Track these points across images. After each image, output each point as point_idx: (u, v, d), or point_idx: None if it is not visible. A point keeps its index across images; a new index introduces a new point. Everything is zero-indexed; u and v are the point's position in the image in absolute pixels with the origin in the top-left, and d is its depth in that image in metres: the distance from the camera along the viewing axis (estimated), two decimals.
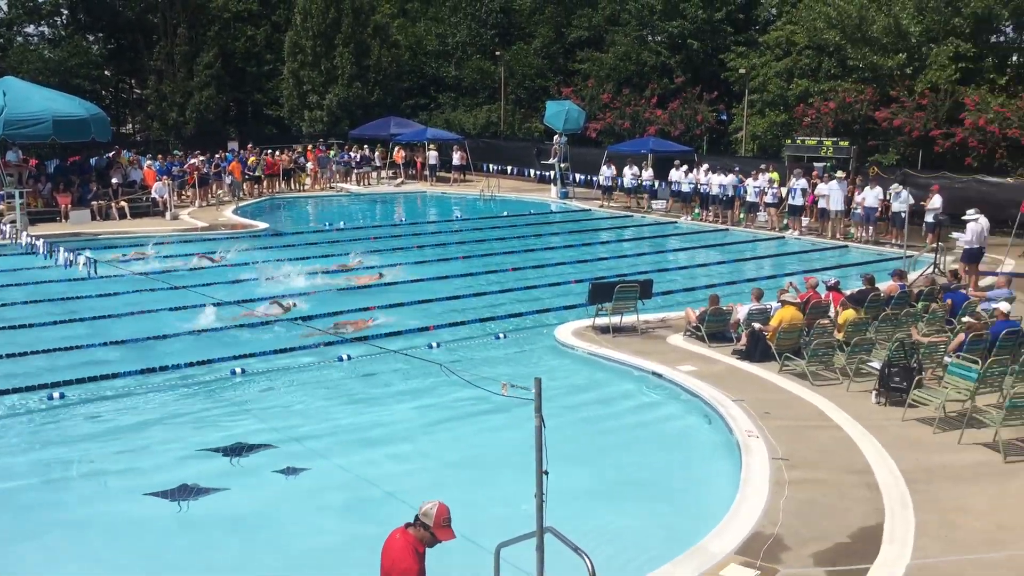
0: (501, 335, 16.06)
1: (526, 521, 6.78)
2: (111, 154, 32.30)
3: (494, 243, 25.80)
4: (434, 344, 15.33)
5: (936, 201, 23.80)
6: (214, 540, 9.02)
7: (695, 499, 10.01)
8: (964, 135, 29.37)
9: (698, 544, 8.30)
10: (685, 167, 31.20)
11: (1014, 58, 32.22)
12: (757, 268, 23.30)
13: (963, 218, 20.03)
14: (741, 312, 15.22)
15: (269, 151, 37.13)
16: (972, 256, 19.53)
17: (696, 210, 30.30)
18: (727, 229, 28.61)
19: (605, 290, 15.85)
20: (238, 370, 13.78)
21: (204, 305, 16.46)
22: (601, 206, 33.39)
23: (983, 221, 19.62)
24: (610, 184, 33.33)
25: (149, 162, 32.33)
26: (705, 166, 30.39)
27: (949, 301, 15.64)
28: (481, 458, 10.96)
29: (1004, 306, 13.84)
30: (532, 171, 37.89)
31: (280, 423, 11.86)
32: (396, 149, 40.86)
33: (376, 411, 12.55)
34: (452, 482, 10.26)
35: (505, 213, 31.98)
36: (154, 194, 29.56)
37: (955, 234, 20.45)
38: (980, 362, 11.56)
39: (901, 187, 24.57)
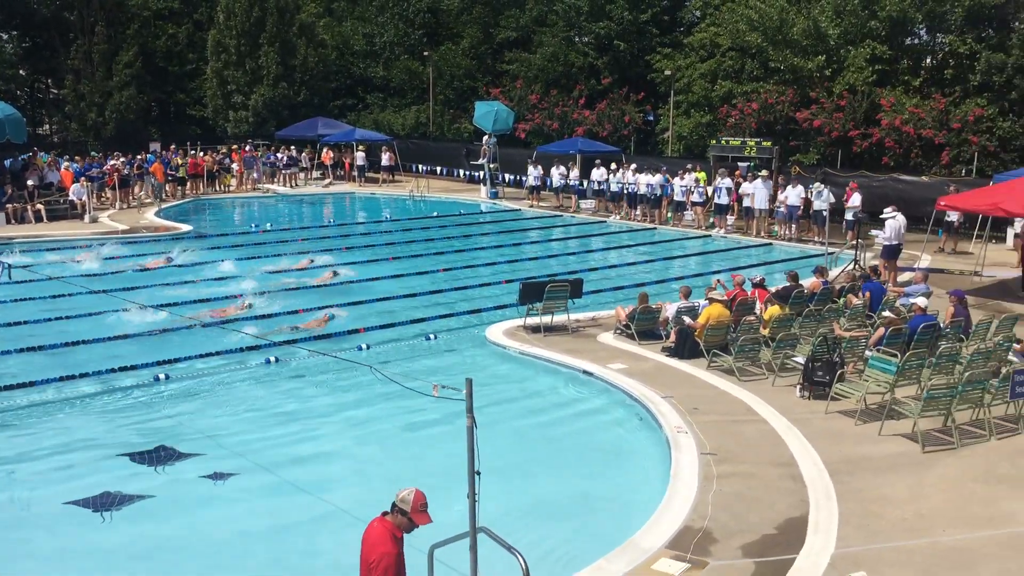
0: (432, 336, 16.00)
1: (460, 522, 6.77)
2: (28, 156, 31.28)
3: (424, 244, 25.70)
4: (364, 346, 15.20)
5: (855, 199, 24.45)
6: (139, 548, 8.78)
7: (626, 495, 10.10)
8: (881, 135, 30.22)
9: (630, 539, 8.37)
10: (613, 165, 31.48)
11: (928, 60, 33.26)
12: (685, 266, 23.62)
13: (881, 216, 20.61)
14: (670, 310, 15.42)
15: (193, 152, 36.35)
16: (891, 252, 20.11)
17: (622, 211, 30.58)
18: (655, 228, 28.97)
19: (536, 289, 15.91)
20: (162, 376, 13.47)
21: (126, 309, 16.11)
22: (530, 206, 33.51)
23: (900, 218, 20.21)
24: (538, 184, 33.45)
25: (67, 163, 31.39)
26: (633, 166, 30.74)
27: (867, 293, 16.09)
28: (412, 458, 10.89)
29: (921, 301, 14.30)
30: (462, 171, 37.80)
31: (206, 428, 11.63)
32: (324, 150, 40.41)
33: (305, 413, 12.37)
34: (381, 481, 10.18)
35: (435, 214, 31.87)
36: (72, 196, 28.72)
37: (874, 232, 21.04)
38: (899, 355, 11.92)
39: (822, 186, 25.19)
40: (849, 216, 24.37)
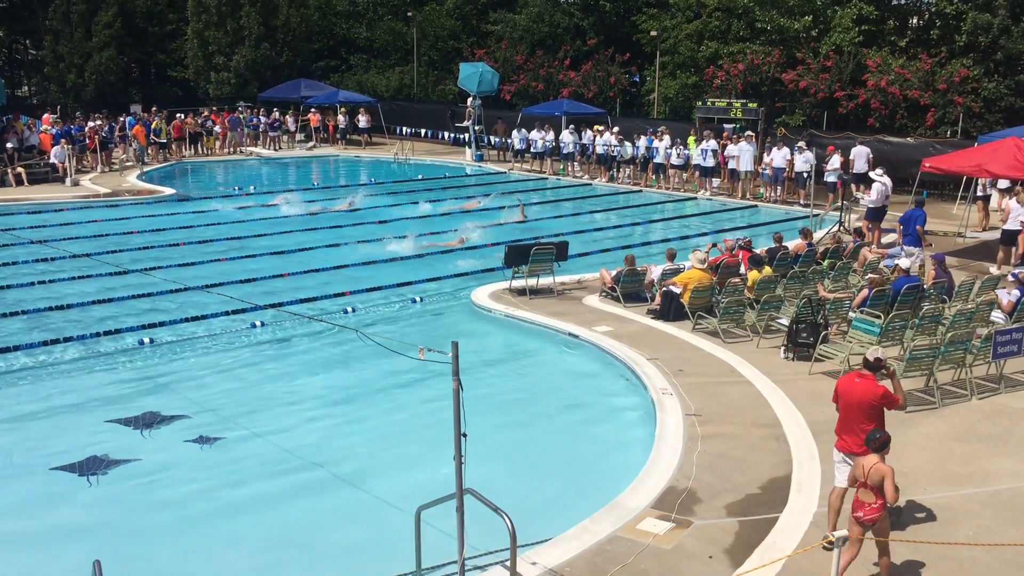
0: (417, 299, 15.98)
1: (446, 484, 6.80)
2: (8, 118, 30.82)
3: (410, 206, 25.57)
4: (349, 309, 15.18)
5: (834, 161, 24.44)
6: (126, 512, 8.79)
7: (612, 456, 10.17)
8: (867, 96, 30.17)
9: (615, 500, 8.44)
10: (600, 127, 31.33)
11: (914, 20, 33.14)
12: (670, 229, 23.61)
13: (870, 175, 20.59)
14: (655, 272, 15.44)
15: (181, 115, 35.91)
16: (875, 215, 20.15)
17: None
18: (640, 191, 28.92)
19: (521, 252, 15.89)
20: (146, 340, 13.42)
21: (116, 273, 16.00)
22: (510, 168, 33.35)
23: (886, 180, 20.23)
24: (524, 147, 33.25)
25: (45, 126, 30.98)
26: (615, 128, 30.61)
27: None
28: (398, 422, 10.92)
29: (904, 262, 14.36)
30: (446, 134, 37.60)
31: (192, 393, 11.61)
32: (311, 112, 39.99)
33: (290, 377, 12.36)
34: (369, 446, 10.24)
35: (420, 176, 31.71)
36: (53, 159, 28.40)
37: (859, 194, 21.07)
38: (882, 317, 11.99)
39: (805, 146, 25.18)
40: (831, 178, 24.39)
